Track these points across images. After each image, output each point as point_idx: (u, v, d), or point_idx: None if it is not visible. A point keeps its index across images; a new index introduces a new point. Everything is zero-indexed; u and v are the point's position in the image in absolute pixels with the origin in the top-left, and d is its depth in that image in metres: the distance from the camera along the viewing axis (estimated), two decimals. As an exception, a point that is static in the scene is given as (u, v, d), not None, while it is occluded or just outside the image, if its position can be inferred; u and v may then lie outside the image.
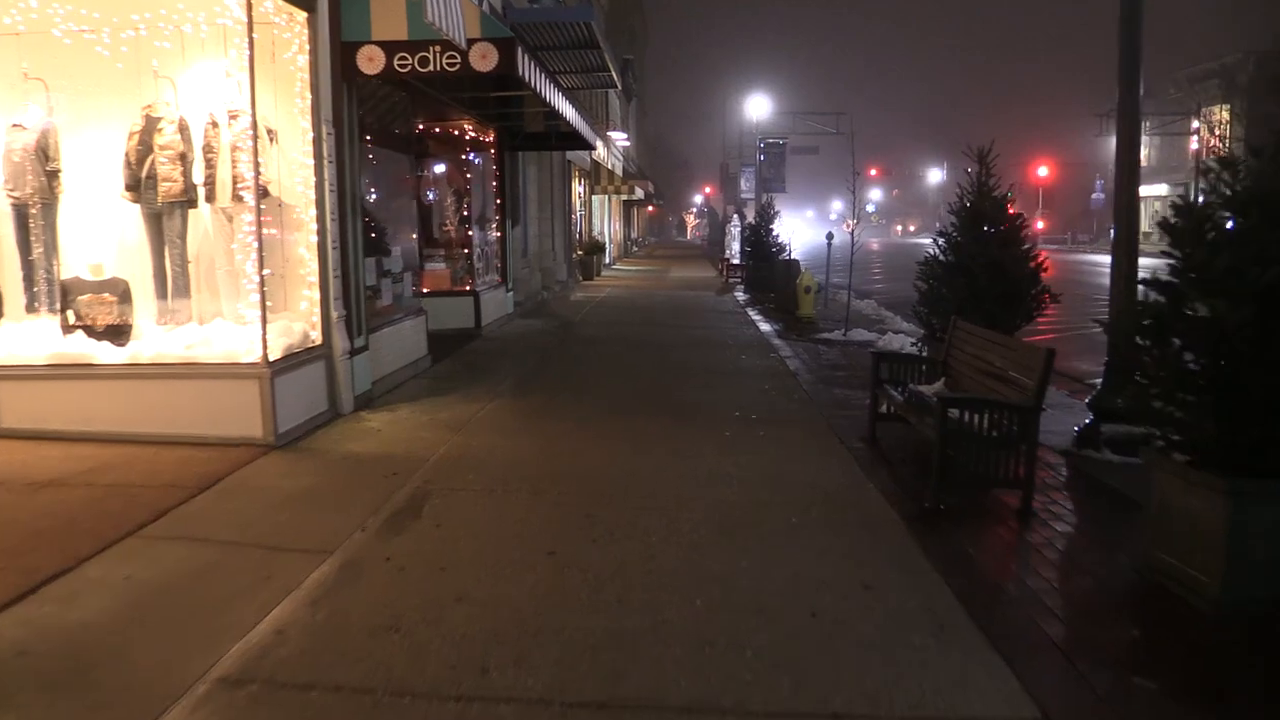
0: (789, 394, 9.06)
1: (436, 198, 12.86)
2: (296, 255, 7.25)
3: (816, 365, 10.89)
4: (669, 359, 11.21)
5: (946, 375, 7.07)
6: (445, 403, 8.25)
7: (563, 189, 22.31)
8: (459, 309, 12.57)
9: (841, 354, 11.97)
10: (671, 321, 15.60)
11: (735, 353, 11.82)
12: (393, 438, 6.92)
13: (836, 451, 6.81)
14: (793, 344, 12.83)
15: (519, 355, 11.26)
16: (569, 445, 6.84)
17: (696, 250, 57.04)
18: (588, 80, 20.24)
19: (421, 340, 9.81)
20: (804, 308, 15.84)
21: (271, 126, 7.08)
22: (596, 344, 12.50)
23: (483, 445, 6.78)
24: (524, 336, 13.02)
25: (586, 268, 25.36)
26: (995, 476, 5.47)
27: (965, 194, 8.49)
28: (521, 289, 16.31)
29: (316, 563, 4.46)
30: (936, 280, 8.45)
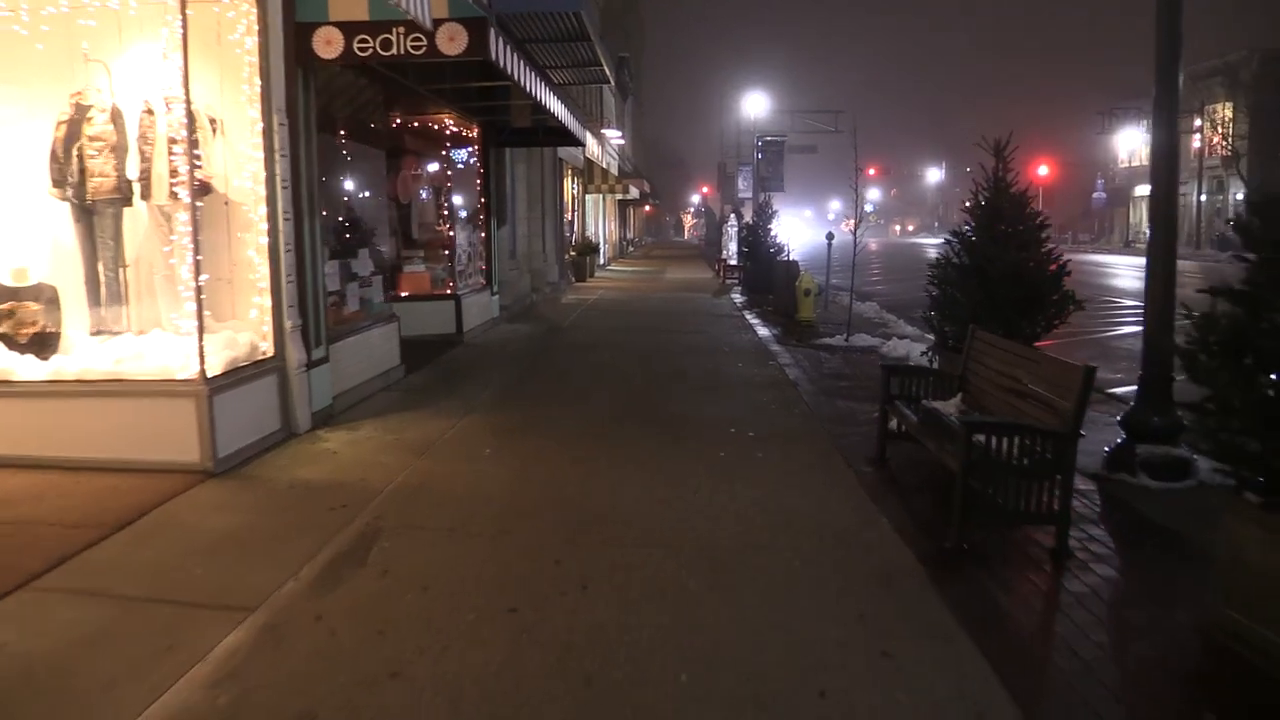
0: (789, 407, 8.36)
1: (415, 196, 12.16)
2: (245, 258, 6.55)
3: (818, 374, 10.19)
4: (662, 367, 10.52)
5: (964, 391, 6.38)
6: (414, 419, 7.55)
7: (554, 188, 21.62)
8: (439, 314, 11.87)
9: (844, 361, 11.28)
10: (665, 326, 14.91)
11: (732, 360, 11.13)
12: (349, 462, 6.22)
13: (842, 477, 6.12)
14: (792, 350, 12.14)
15: (501, 364, 10.56)
16: (546, 470, 6.14)
17: (693, 250, 56.32)
18: (580, 75, 19.56)
19: (393, 349, 9.11)
20: (804, 311, 15.15)
21: (215, 115, 6.38)
22: (585, 351, 11.81)
23: (448, 471, 6.08)
24: (508, 343, 12.32)
25: (579, 269, 24.66)
26: (1025, 511, 4.78)
27: (980, 190, 7.81)
28: (508, 292, 15.62)
29: (233, 624, 3.76)
30: (949, 284, 7.76)
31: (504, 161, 15.31)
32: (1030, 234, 7.55)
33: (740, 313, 17.24)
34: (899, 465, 6.41)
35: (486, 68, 8.15)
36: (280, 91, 6.55)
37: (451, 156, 12.98)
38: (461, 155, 13.30)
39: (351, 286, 8.30)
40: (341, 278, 8.18)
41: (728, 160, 57.17)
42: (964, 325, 7.55)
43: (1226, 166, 51.28)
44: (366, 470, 6.01)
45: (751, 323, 15.38)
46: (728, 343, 12.78)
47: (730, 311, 17.51)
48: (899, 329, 14.95)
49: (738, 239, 26.69)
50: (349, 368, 7.89)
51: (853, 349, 12.43)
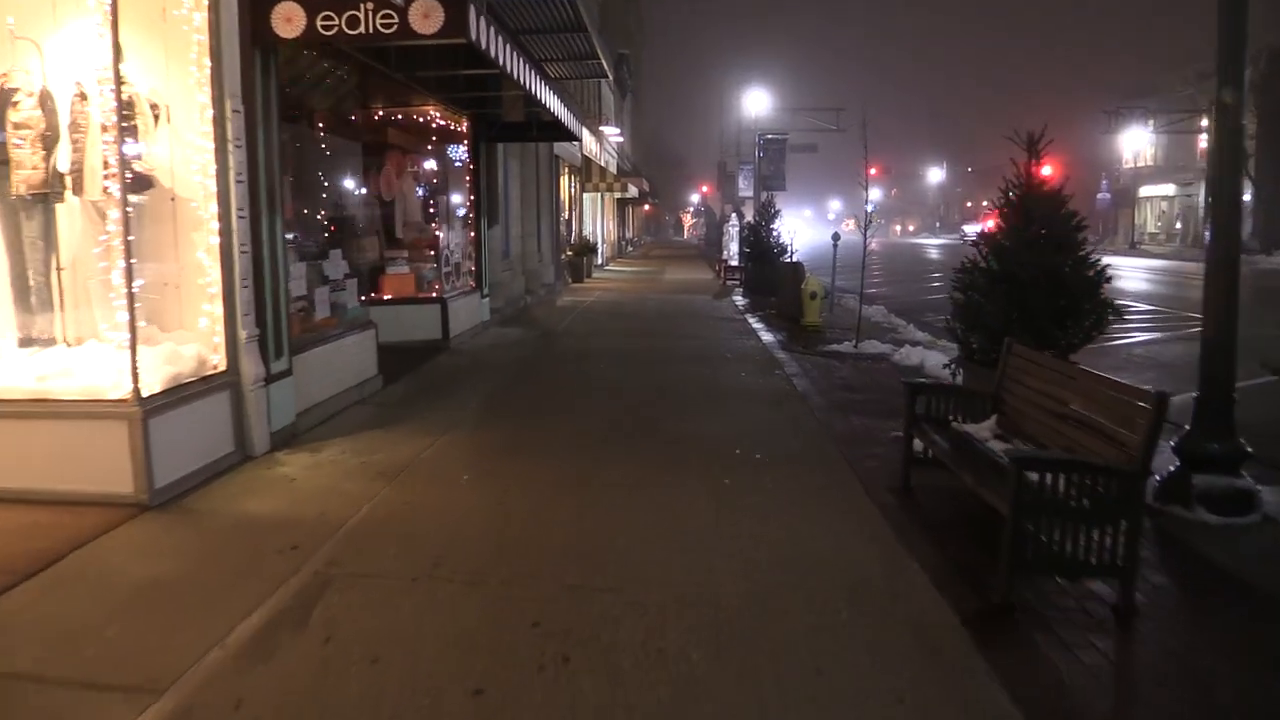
0: (799, 424, 7.67)
1: (399, 193, 11.46)
2: (194, 261, 5.85)
3: (828, 385, 9.50)
4: (660, 376, 9.82)
5: (999, 412, 5.69)
6: (388, 438, 6.85)
7: (550, 186, 20.93)
8: (424, 318, 11.17)
9: (855, 370, 10.59)
10: (664, 330, 14.21)
11: (735, 369, 10.43)
12: (308, 491, 5.52)
13: (864, 510, 5.43)
14: (799, 358, 11.45)
15: (488, 373, 9.86)
16: (529, 501, 5.44)
17: (693, 250, 55.61)
18: (577, 69, 18.89)
19: (369, 358, 8.41)
20: (809, 315, 14.46)
21: (158, 101, 5.68)
22: (579, 358, 11.11)
23: (419, 502, 5.38)
24: (497, 349, 11.62)
25: (576, 269, 23.96)
26: (1085, 561, 4.08)
27: (1011, 187, 7.12)
28: (500, 294, 14.92)
29: (133, 714, 3.07)
30: (976, 291, 7.07)
31: (496, 158, 14.62)
32: (1065, 236, 6.86)
33: (742, 316, 16.55)
34: (926, 495, 5.72)
35: (473, 54, 7.47)
36: (234, 74, 5.85)
37: (439, 151, 12.29)
38: (449, 150, 12.60)
39: (321, 291, 7.60)
40: (310, 281, 7.48)
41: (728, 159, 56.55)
42: (992, 336, 6.87)
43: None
44: (326, 501, 5.32)
45: (754, 327, 14.69)
46: (730, 349, 12.08)
47: (732, 315, 16.82)
48: (909, 334, 14.28)
49: (739, 239, 26.00)
50: (317, 381, 7.20)
51: (863, 356, 11.74)
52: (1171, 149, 59.33)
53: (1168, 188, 60.24)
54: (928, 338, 13.84)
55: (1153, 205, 62.41)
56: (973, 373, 7.17)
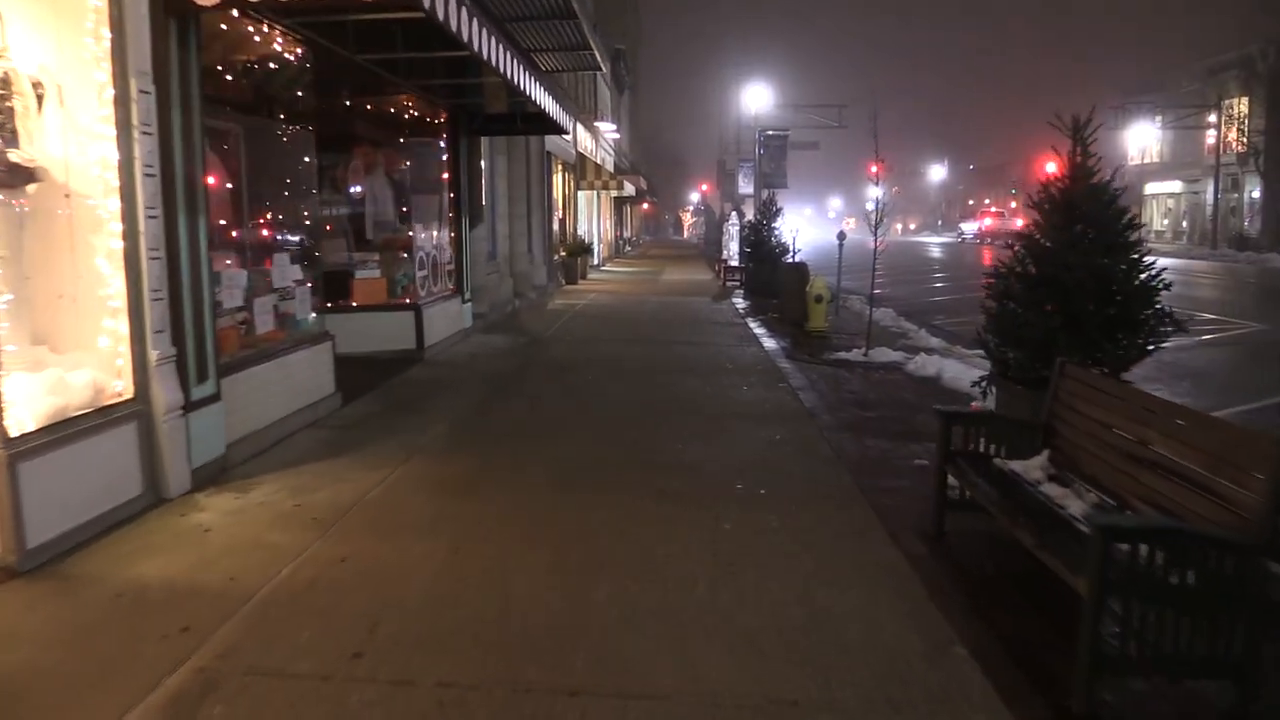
0: (809, 449, 6.75)
1: (369, 191, 10.55)
2: (92, 269, 4.93)
3: (838, 401, 8.59)
4: (654, 391, 8.91)
5: (1051, 447, 4.77)
6: (335, 470, 5.93)
7: (541, 183, 20.00)
8: (396, 327, 10.25)
9: (866, 382, 9.67)
10: (660, 336, 13.28)
11: (736, 381, 9.51)
12: (222, 545, 4.61)
13: (891, 563, 4.51)
14: (804, 368, 10.53)
15: (463, 387, 8.93)
16: (489, 555, 4.52)
17: (692, 250, 54.66)
18: (570, 60, 17.97)
19: (325, 374, 7.50)
20: (814, 320, 13.54)
21: (45, 79, 4.76)
22: (566, 370, 10.18)
23: (354, 559, 4.46)
24: (477, 360, 10.69)
25: (570, 271, 23.04)
26: (1188, 657, 3.17)
27: (1052, 181, 6.20)
28: (485, 298, 14.00)
29: None
30: (1014, 300, 6.15)
31: (479, 153, 13.69)
32: (1117, 235, 5.94)
33: (743, 320, 15.63)
34: (964, 545, 4.81)
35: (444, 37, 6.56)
36: (141, 48, 4.93)
37: (414, 145, 11.38)
38: (427, 144, 11.68)
39: (264, 301, 6.67)
40: (253, 290, 6.56)
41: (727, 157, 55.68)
42: (1033, 351, 5.96)
43: (1243, 163, 49.62)
44: (242, 560, 4.40)
45: (756, 333, 13.77)
46: (731, 358, 11.16)
47: (732, 319, 15.90)
48: (922, 340, 13.37)
49: (739, 238, 25.09)
50: (257, 404, 6.28)
51: (874, 366, 10.83)
52: (1178, 146, 58.36)
53: (1173, 185, 59.29)
54: (941, 344, 12.94)
55: (1158, 203, 61.46)
56: (1009, 392, 6.25)
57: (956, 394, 8.94)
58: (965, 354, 12.30)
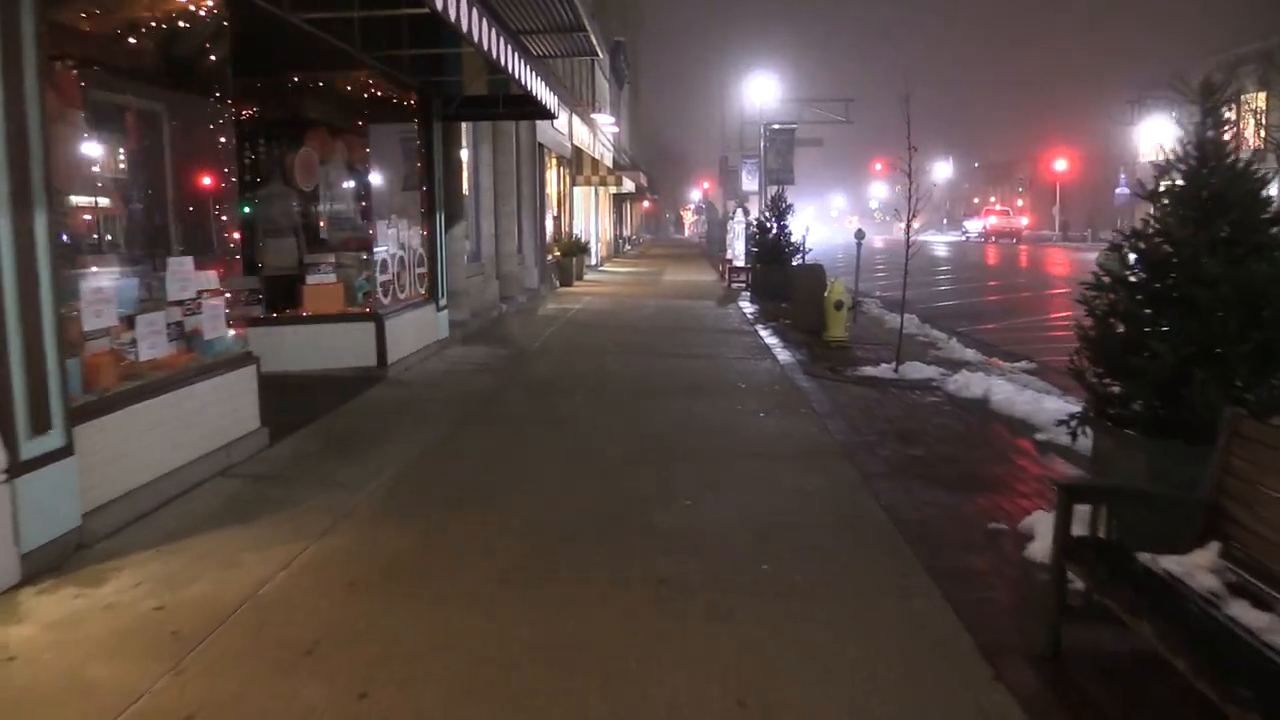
0: (851, 507, 5.31)
1: (324, 182, 9.11)
2: None
3: (874, 432, 7.14)
4: (653, 420, 7.47)
5: (1222, 537, 3.33)
6: (226, 547, 4.49)
7: (533, 178, 18.57)
8: (353, 340, 8.81)
9: (902, 406, 8.23)
10: (661, 348, 11.84)
11: (751, 405, 8.08)
12: (20, 687, 3.16)
13: (993, 706, 3.08)
14: (828, 387, 9.10)
15: (426, 417, 7.49)
16: (407, 705, 3.09)
17: (694, 249, 53.22)
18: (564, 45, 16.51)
19: (244, 407, 6.06)
20: (834, 329, 12.11)
21: None
22: (552, 391, 8.74)
23: (212, 708, 3.02)
24: (450, 378, 9.23)
25: (565, 272, 21.60)
26: None
27: (1177, 160, 4.76)
28: (466, 304, 12.56)
29: None
30: (1125, 319, 4.69)
31: (458, 141, 12.26)
32: (1266, 236, 4.49)
33: (752, 328, 14.18)
34: (1094, 674, 3.37)
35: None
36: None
37: (378, 131, 9.95)
38: (392, 130, 10.25)
39: (155, 318, 5.22)
40: (137, 304, 5.12)
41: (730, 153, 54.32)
42: (1154, 387, 4.51)
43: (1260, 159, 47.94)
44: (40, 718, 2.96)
45: (768, 343, 12.32)
46: (742, 375, 9.71)
47: (740, 325, 14.45)
48: (953, 351, 11.91)
49: (745, 237, 23.65)
50: (139, 452, 4.85)
51: (907, 384, 9.39)
52: (1191, 142, 56.72)
53: (1188, 182, 57.65)
54: (977, 356, 11.48)
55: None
56: (1114, 439, 4.79)
57: (1012, 421, 7.52)
58: (1006, 368, 10.87)
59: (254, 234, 8.65)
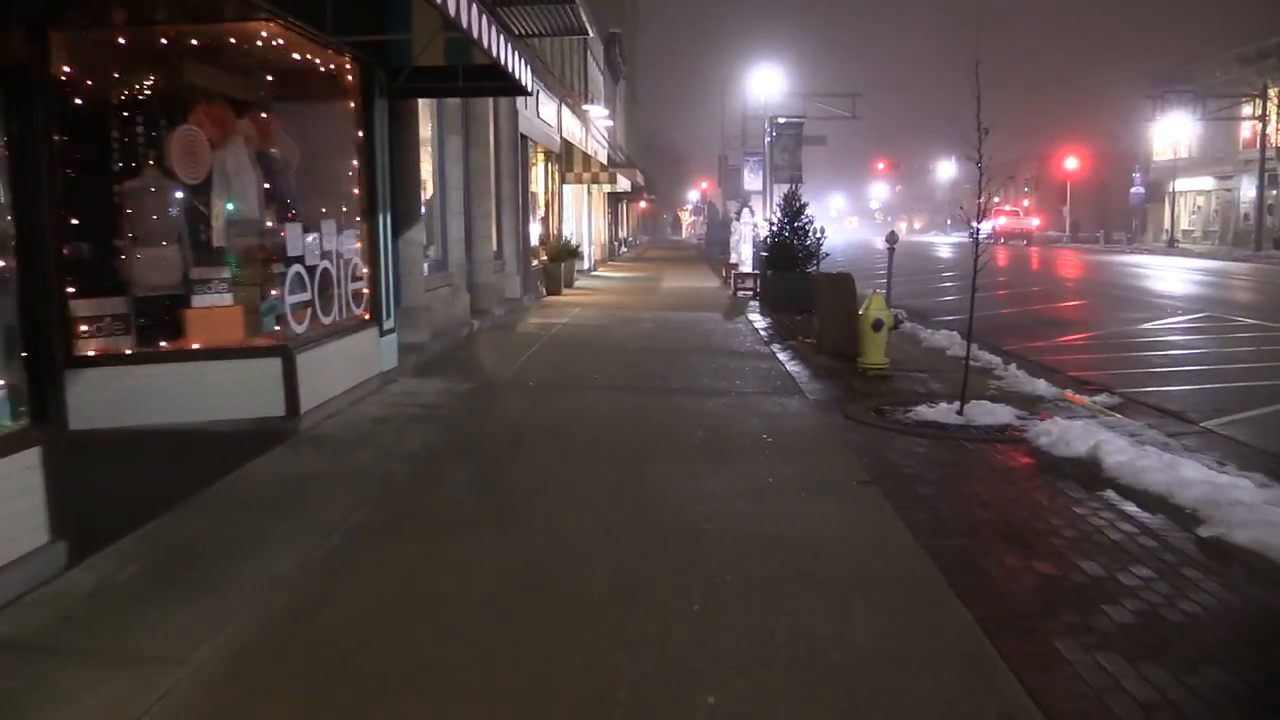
0: (973, 700, 3.15)
1: (220, 173, 6.93)
2: None
3: (969, 530, 4.98)
4: (649, 505, 5.29)
5: None
6: None
7: (515, 174, 16.39)
8: (252, 381, 6.63)
9: (991, 475, 6.07)
10: (660, 379, 9.67)
11: (786, 478, 5.89)
12: None
13: None
14: (880, 442, 6.94)
15: (327, 504, 5.28)
16: None
17: (693, 251, 50.99)
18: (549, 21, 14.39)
19: (23, 515, 3.88)
20: (872, 354, 9.94)
21: None
22: (511, 454, 6.55)
23: None
24: (380, 434, 6.99)
25: (553, 279, 19.40)
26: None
27: None
28: (425, 322, 10.40)
29: None
30: None
31: (411, 126, 10.09)
32: None
33: (767, 348, 12.01)
34: None
35: None
36: None
37: (298, 109, 7.78)
38: (319, 108, 8.09)
39: None
40: None
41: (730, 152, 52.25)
42: None
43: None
44: None
45: (790, 370, 10.15)
46: (765, 423, 7.52)
47: (753, 346, 12.28)
48: (1016, 380, 9.69)
49: (751, 240, 21.51)
50: None
51: (980, 435, 7.24)
52: (1208, 140, 54.69)
53: (1204, 181, 55.69)
54: (1048, 388, 9.28)
55: (1187, 199, 57.80)
56: None
57: (1149, 499, 5.39)
58: (1088, 405, 8.71)
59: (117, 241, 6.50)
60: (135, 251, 6.53)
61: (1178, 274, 29.39)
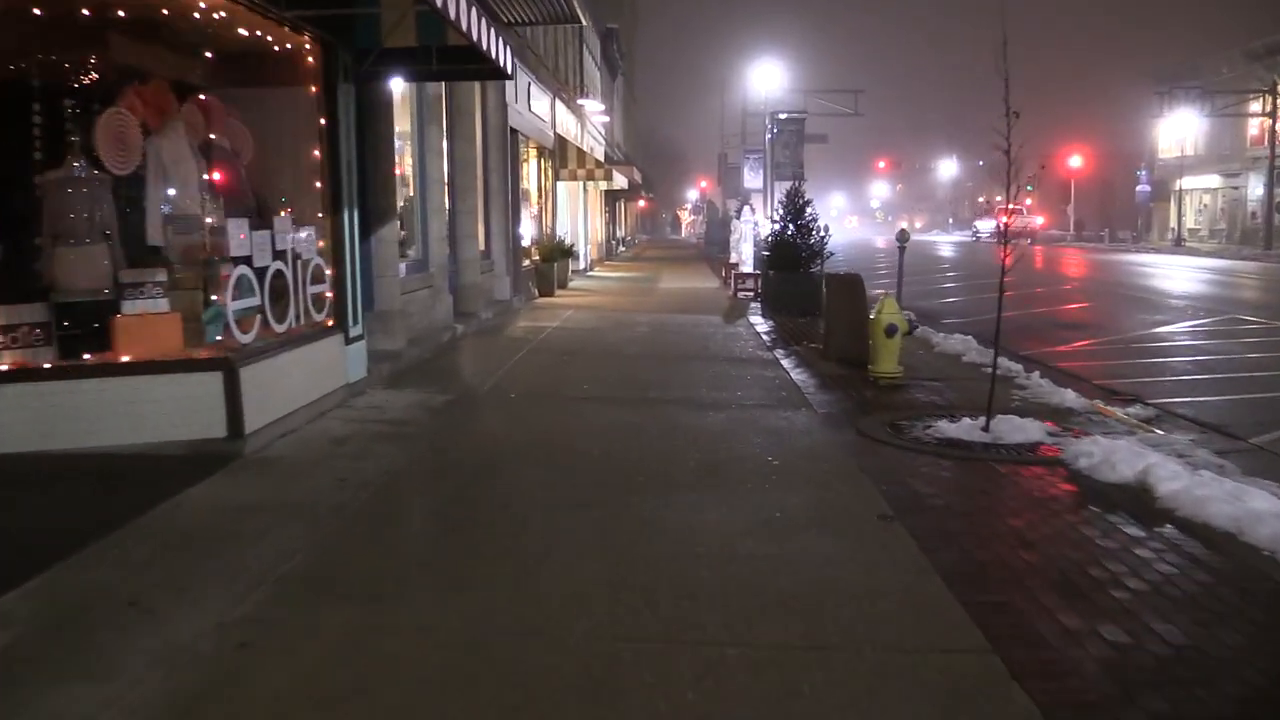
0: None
1: (156, 163, 6.16)
2: None
3: (1011, 577, 4.21)
4: (640, 549, 4.54)
5: None
6: None
7: (504, 169, 15.62)
8: (191, 399, 5.86)
9: (1029, 506, 5.30)
10: (656, 390, 8.90)
11: (792, 508, 5.13)
12: None
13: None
14: (899, 465, 6.17)
15: (266, 543, 4.51)
16: None
17: (692, 250, 50.23)
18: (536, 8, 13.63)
19: None
20: (884, 362, 9.19)
21: None
22: (483, 483, 5.78)
23: None
24: (337, 456, 6.19)
25: (545, 280, 18.63)
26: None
27: None
28: (401, 327, 9.63)
29: None
30: None
31: (388, 118, 9.32)
32: None
33: (770, 353, 11.26)
34: None
35: None
36: None
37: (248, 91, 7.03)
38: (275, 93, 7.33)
39: None
40: None
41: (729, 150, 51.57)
42: None
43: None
44: None
45: (796, 380, 9.38)
46: (770, 441, 6.75)
47: (755, 351, 11.51)
48: (1040, 390, 8.94)
49: (753, 239, 20.74)
50: None
51: (1009, 453, 6.49)
52: (1214, 137, 53.87)
53: (1210, 179, 54.87)
54: (1076, 398, 8.51)
55: (1193, 198, 56.98)
56: None
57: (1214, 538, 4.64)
58: (1121, 418, 7.95)
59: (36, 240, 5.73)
60: (57, 251, 5.76)
61: (1188, 274, 28.62)
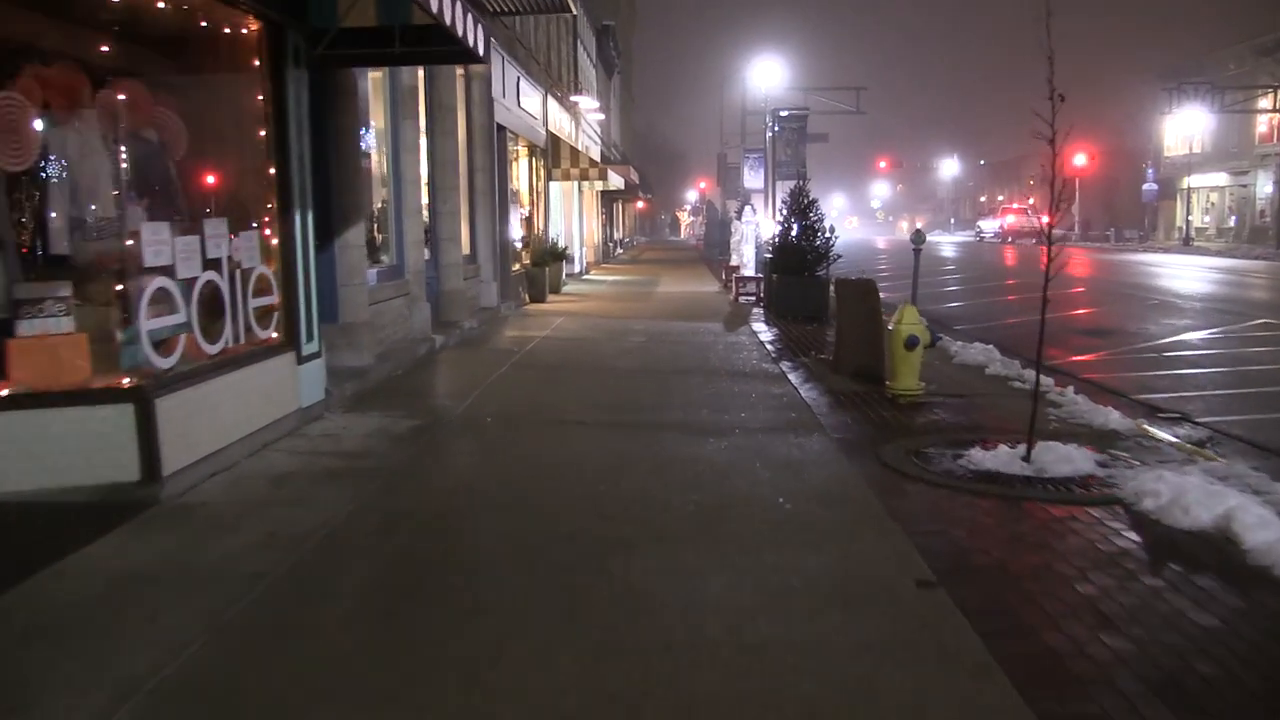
0: None
1: (69, 159, 5.26)
2: None
3: (1087, 657, 3.31)
4: (626, 638, 3.64)
5: None
6: None
7: (491, 168, 14.70)
8: (96, 436, 4.95)
9: (1097, 567, 4.39)
10: (651, 413, 7.99)
11: (812, 573, 4.23)
12: None
13: None
14: (929, 502, 5.27)
15: (157, 627, 3.63)
16: None
17: (691, 252, 49.33)
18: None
19: None
20: (904, 377, 8.28)
21: None
22: (447, 531, 4.87)
23: None
24: (275, 499, 5.29)
25: (536, 284, 17.72)
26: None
27: None
28: (368, 341, 8.72)
29: None
30: None
31: (352, 109, 8.42)
32: None
33: (776, 366, 10.34)
34: None
35: None
36: None
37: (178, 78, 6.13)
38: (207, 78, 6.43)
39: None
40: None
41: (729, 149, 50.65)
42: None
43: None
44: None
45: (806, 399, 8.47)
46: (782, 478, 5.83)
47: (760, 364, 10.60)
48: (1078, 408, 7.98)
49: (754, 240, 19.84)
50: None
51: (1056, 490, 5.58)
52: (1221, 135, 52.98)
53: (1218, 177, 53.98)
54: (1121, 420, 7.57)
55: (1200, 196, 56.06)
56: None
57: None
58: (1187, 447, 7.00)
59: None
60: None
61: (1201, 274, 27.71)
